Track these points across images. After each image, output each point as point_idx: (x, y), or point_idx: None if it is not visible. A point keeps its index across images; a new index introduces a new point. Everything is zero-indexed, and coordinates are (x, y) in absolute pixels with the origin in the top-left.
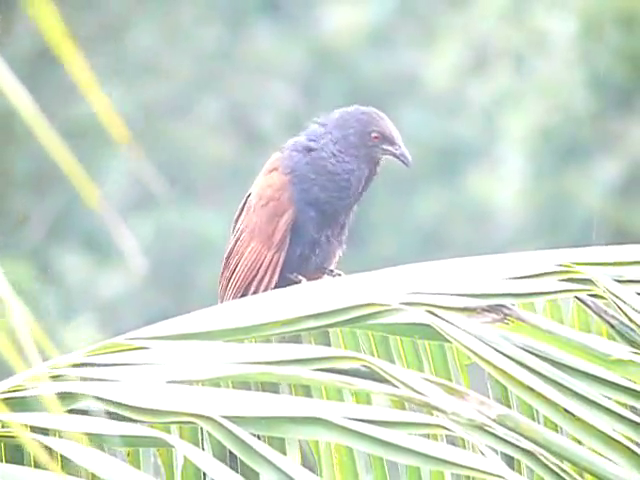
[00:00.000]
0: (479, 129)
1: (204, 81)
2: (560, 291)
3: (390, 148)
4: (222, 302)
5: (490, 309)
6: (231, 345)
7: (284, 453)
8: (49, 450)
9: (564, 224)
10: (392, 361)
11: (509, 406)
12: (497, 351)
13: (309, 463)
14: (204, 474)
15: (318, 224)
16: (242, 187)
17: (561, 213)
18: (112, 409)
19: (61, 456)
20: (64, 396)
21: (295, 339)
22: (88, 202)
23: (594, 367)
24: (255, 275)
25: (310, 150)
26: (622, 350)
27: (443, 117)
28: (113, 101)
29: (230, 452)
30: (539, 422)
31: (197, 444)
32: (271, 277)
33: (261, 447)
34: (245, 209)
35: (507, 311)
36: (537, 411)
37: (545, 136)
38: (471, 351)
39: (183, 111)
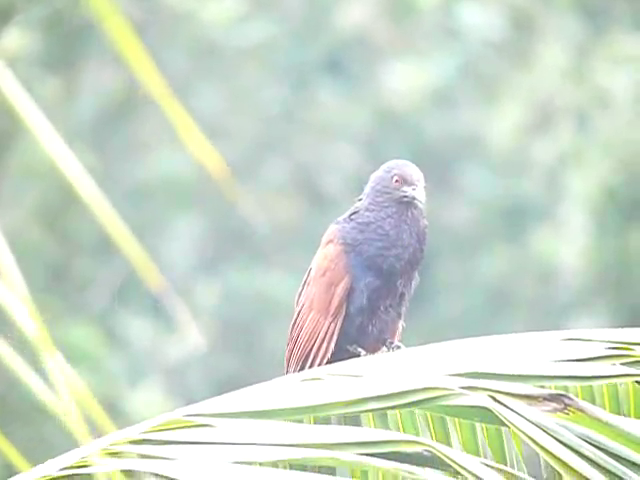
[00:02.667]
0: (543, 188)
1: (268, 143)
2: (620, 375)
3: (407, 189)
4: (286, 374)
5: (552, 398)
6: (294, 426)
7: None
8: None
9: (628, 282)
10: (449, 443)
11: None
12: (557, 440)
13: None
14: None
15: (376, 291)
16: (307, 248)
17: (625, 271)
18: None
19: None
20: (124, 474)
21: (355, 417)
22: (146, 280)
23: None
24: (313, 345)
25: (354, 214)
26: None
27: (506, 176)
28: (179, 162)
29: None
30: None
31: None
32: (327, 347)
33: None
34: (306, 283)
35: (568, 401)
36: None
37: (608, 194)
38: (531, 439)
39: (248, 174)
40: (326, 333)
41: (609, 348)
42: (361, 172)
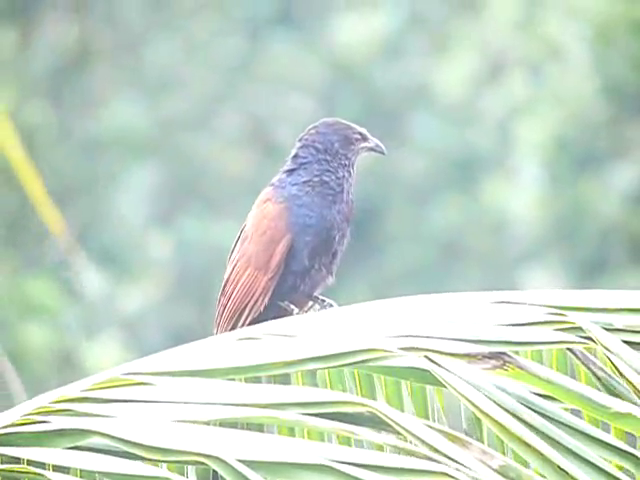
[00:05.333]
0: (494, 139)
1: (221, 94)
2: (557, 342)
3: (366, 144)
4: (217, 329)
5: (491, 356)
6: (233, 385)
7: None
8: None
9: (581, 232)
10: (374, 397)
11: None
12: (494, 403)
13: None
14: None
15: (313, 249)
16: None
17: (578, 221)
18: (120, 447)
19: None
20: (66, 432)
21: (284, 376)
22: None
23: (589, 426)
24: (249, 301)
25: (295, 168)
26: (621, 404)
27: (457, 127)
28: (132, 115)
29: None
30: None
31: None
32: (261, 302)
33: None
34: (240, 240)
35: (508, 359)
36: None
37: (560, 145)
38: (469, 401)
39: (201, 124)
40: (263, 289)
41: (545, 314)
42: (314, 122)
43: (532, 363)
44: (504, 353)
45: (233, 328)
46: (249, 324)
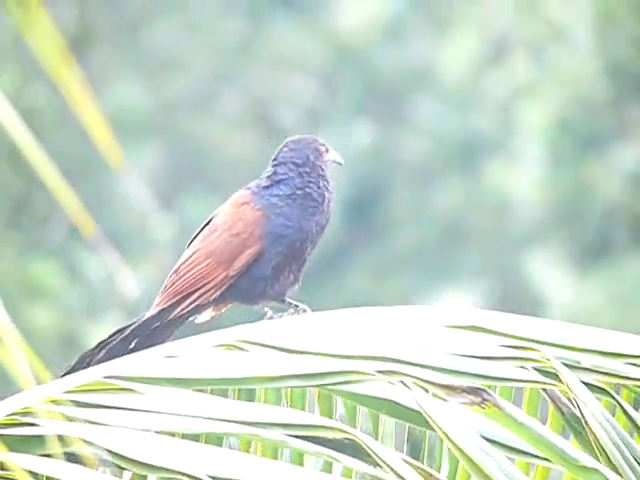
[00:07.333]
0: (496, 121)
1: (224, 76)
2: (529, 381)
3: (329, 156)
4: (159, 299)
5: (470, 391)
6: (215, 399)
7: None
8: None
9: (583, 214)
10: (332, 412)
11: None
12: (470, 439)
13: None
14: None
15: (284, 259)
16: None
17: (580, 203)
18: (109, 459)
19: None
20: (49, 437)
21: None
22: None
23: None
24: (200, 288)
25: (274, 184)
26: (589, 459)
27: (460, 109)
28: (133, 97)
29: None
30: None
31: None
32: (212, 295)
33: None
34: (208, 229)
35: (486, 396)
36: None
37: (563, 126)
38: (445, 435)
39: (202, 106)
40: (219, 283)
41: (517, 347)
42: (316, 104)
43: (509, 404)
44: (483, 390)
45: (175, 305)
46: (194, 308)
